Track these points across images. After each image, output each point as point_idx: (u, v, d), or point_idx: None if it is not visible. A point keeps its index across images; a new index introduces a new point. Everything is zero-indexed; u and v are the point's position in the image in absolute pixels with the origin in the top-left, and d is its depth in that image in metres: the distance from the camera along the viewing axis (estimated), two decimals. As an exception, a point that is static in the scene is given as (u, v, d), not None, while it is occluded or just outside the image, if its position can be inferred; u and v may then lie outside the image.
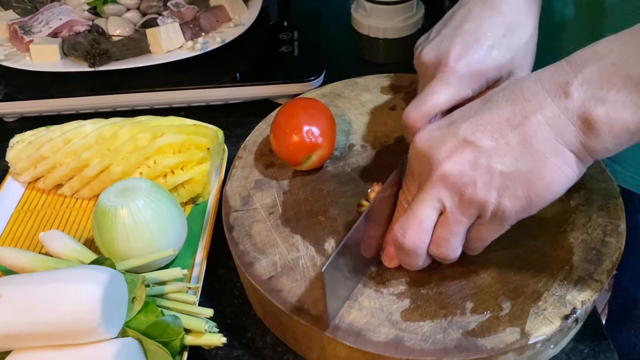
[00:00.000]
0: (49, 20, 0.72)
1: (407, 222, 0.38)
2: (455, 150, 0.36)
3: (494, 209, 0.36)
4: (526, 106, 0.35)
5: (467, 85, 0.45)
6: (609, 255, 0.44)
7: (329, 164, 0.53)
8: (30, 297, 0.38)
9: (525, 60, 0.46)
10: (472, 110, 0.37)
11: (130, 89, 0.67)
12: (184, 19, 0.72)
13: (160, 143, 0.54)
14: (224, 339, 0.43)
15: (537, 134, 0.34)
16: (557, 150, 0.34)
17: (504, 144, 0.35)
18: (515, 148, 0.35)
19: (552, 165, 0.35)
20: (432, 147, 0.37)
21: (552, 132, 0.34)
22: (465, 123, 0.36)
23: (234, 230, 0.48)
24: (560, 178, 0.35)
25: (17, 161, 0.58)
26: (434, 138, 0.37)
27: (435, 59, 0.46)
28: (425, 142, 0.37)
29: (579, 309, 0.40)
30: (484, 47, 0.44)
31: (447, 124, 0.37)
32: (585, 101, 0.33)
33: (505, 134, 0.35)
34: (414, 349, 0.38)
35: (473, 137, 0.35)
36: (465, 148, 0.36)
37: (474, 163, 0.35)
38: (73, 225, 0.56)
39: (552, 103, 0.34)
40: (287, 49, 0.72)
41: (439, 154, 0.36)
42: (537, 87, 0.35)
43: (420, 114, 0.45)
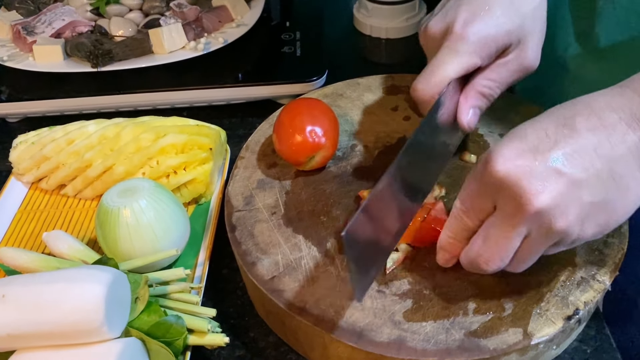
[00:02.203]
0: (52, 21, 0.72)
1: (490, 252, 0.37)
2: (548, 183, 0.34)
3: (575, 238, 0.36)
4: (610, 137, 0.35)
5: (477, 53, 0.43)
6: (611, 256, 0.43)
7: (332, 164, 0.53)
8: (33, 297, 0.38)
9: (534, 26, 0.45)
10: (552, 136, 0.35)
11: (133, 90, 0.67)
12: (186, 19, 0.72)
13: (163, 143, 0.55)
14: (226, 339, 0.43)
15: (623, 164, 0.35)
16: (638, 180, 0.35)
17: (594, 174, 0.35)
18: (604, 179, 0.35)
19: (633, 194, 0.35)
20: (520, 180, 0.35)
21: (635, 162, 0.35)
22: (553, 152, 0.35)
23: (236, 230, 0.48)
24: (637, 204, 0.36)
25: (20, 161, 0.58)
26: (521, 168, 0.35)
27: (442, 29, 0.45)
28: (512, 172, 0.35)
29: (581, 310, 0.40)
30: (491, 13, 0.43)
31: (531, 152, 0.35)
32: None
33: (595, 164, 0.35)
34: (417, 350, 0.39)
35: (565, 169, 0.34)
36: (558, 180, 0.34)
37: (566, 195, 0.34)
38: (76, 226, 0.56)
39: (633, 135, 0.35)
40: (290, 49, 0.72)
41: (531, 188, 0.34)
42: (614, 117, 0.35)
43: (430, 85, 0.43)
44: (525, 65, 0.46)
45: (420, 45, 0.49)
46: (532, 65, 0.46)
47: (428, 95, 0.44)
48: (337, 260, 0.45)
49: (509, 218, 0.36)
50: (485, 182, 0.36)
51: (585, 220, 0.35)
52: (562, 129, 0.36)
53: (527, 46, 0.45)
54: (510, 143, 0.36)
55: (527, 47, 0.45)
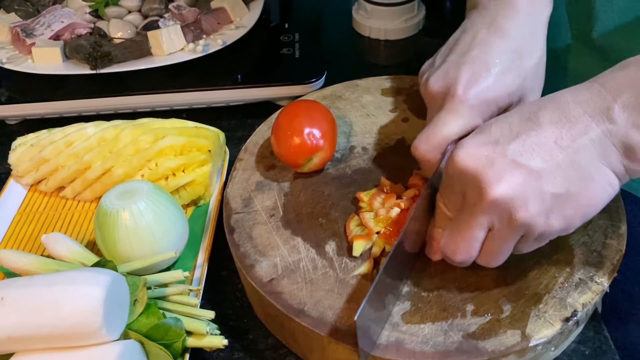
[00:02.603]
0: (51, 23, 0.72)
1: (455, 241, 0.39)
2: (505, 172, 0.35)
3: (541, 230, 0.36)
4: (572, 129, 0.35)
5: (478, 114, 0.43)
6: (609, 257, 0.44)
7: (330, 166, 0.53)
8: (32, 299, 0.38)
9: (535, 83, 0.45)
10: (514, 130, 0.36)
11: (132, 92, 0.67)
12: (185, 21, 0.72)
13: (162, 145, 0.55)
14: (225, 341, 0.43)
15: (585, 156, 0.35)
16: (603, 172, 0.36)
17: (554, 166, 0.35)
18: (565, 170, 0.35)
19: (598, 186, 0.36)
20: (479, 169, 0.36)
21: (598, 154, 0.35)
22: (513, 144, 0.36)
23: (234, 232, 0.48)
24: (604, 197, 0.36)
25: (19, 163, 0.58)
26: (480, 159, 0.36)
27: (444, 88, 0.44)
28: (471, 163, 0.36)
29: (579, 312, 0.40)
30: (493, 75, 0.43)
31: (491, 144, 0.36)
32: (628, 128, 0.35)
33: (555, 156, 0.35)
34: (415, 352, 0.39)
35: (523, 159, 0.35)
36: (515, 170, 0.35)
37: (525, 186, 0.35)
38: (75, 228, 0.56)
39: (597, 127, 0.35)
40: (288, 51, 0.72)
41: (488, 177, 0.35)
42: (579, 110, 0.36)
43: (431, 146, 0.44)
44: None
45: (419, 46, 0.49)
46: None
47: (430, 156, 0.44)
48: (336, 262, 0.45)
49: (470, 208, 0.37)
50: (451, 174, 0.38)
51: (549, 212, 0.36)
52: (525, 123, 0.36)
53: (527, 101, 0.45)
54: (475, 137, 0.37)
55: (527, 102, 0.45)
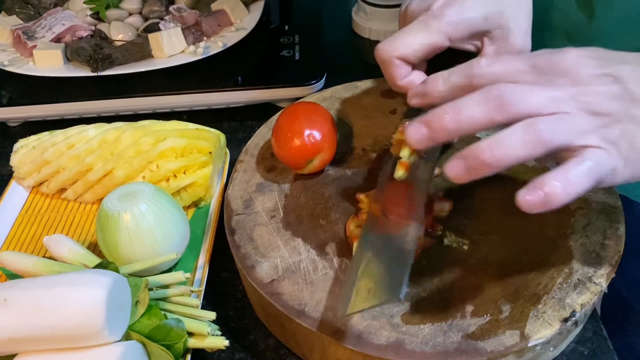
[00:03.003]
0: (52, 26, 0.72)
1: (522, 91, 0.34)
2: (605, 81, 0.34)
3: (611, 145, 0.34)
4: None
5: (447, 33, 0.43)
6: (608, 258, 0.44)
7: (330, 168, 0.53)
8: (34, 301, 0.38)
9: (517, 14, 0.45)
10: (629, 59, 0.35)
11: (133, 94, 0.67)
12: (185, 23, 0.72)
13: (163, 147, 0.55)
14: (226, 342, 0.43)
15: None
16: None
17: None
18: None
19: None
20: (582, 66, 0.34)
21: None
22: (626, 66, 0.35)
23: (235, 233, 0.48)
24: None
25: (21, 165, 0.58)
26: (588, 59, 0.35)
27: (421, 8, 0.45)
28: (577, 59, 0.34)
29: (578, 312, 0.40)
30: None
31: (606, 59, 0.35)
32: None
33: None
34: (415, 352, 0.39)
35: (626, 78, 0.34)
36: (613, 83, 0.34)
37: (614, 97, 0.34)
38: (77, 229, 0.56)
39: None
40: (288, 53, 0.72)
41: (586, 76, 0.34)
42: None
43: (392, 46, 0.43)
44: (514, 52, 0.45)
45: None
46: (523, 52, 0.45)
47: (387, 55, 0.44)
48: (336, 263, 0.45)
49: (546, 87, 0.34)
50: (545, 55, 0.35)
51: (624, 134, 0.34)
52: None
53: (511, 32, 0.45)
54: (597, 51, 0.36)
55: (512, 34, 0.45)
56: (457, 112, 0.34)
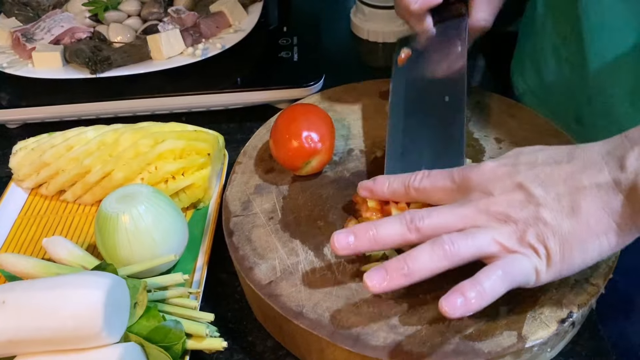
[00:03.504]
0: (51, 28, 0.72)
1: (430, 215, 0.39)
2: (509, 190, 0.38)
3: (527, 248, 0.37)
4: (584, 172, 0.36)
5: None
6: (605, 259, 0.44)
7: (328, 169, 0.54)
8: (33, 303, 0.39)
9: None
10: (540, 160, 0.39)
11: (132, 95, 0.67)
12: (184, 25, 0.72)
13: (162, 149, 0.55)
14: (224, 343, 0.43)
15: (587, 200, 0.36)
16: (601, 220, 0.36)
17: (554, 199, 0.36)
18: (564, 207, 0.36)
19: (592, 232, 0.36)
20: (490, 181, 0.39)
21: (601, 201, 0.36)
22: (528, 172, 0.38)
23: (233, 235, 0.48)
24: (595, 246, 0.36)
25: (20, 167, 0.58)
26: (496, 173, 0.39)
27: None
28: (488, 175, 0.39)
29: (575, 313, 0.41)
30: None
31: (514, 165, 0.39)
32: (638, 173, 0.35)
33: (559, 191, 0.37)
34: (412, 353, 0.39)
35: (528, 184, 0.37)
36: (518, 190, 0.37)
37: (521, 205, 0.37)
38: (76, 231, 0.56)
39: (607, 174, 0.36)
40: (287, 54, 0.72)
41: (494, 189, 0.38)
42: (598, 157, 0.37)
43: None
44: None
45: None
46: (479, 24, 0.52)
47: None
48: (334, 264, 0.45)
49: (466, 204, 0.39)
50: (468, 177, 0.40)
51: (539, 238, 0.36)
52: (548, 159, 0.38)
53: None
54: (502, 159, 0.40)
55: None
56: (377, 228, 0.40)
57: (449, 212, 0.39)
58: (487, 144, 0.55)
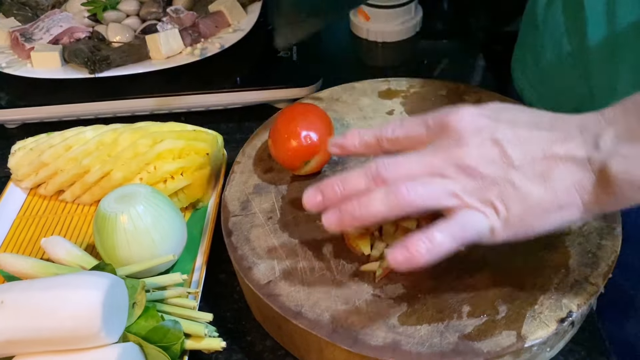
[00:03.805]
0: (50, 28, 0.72)
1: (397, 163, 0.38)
2: (485, 144, 0.36)
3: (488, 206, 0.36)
4: (564, 144, 0.36)
5: None
6: (605, 258, 0.44)
7: (327, 169, 0.53)
8: (31, 303, 0.38)
9: None
10: (521, 120, 0.37)
11: (130, 95, 0.67)
12: (183, 25, 0.72)
13: (160, 149, 0.55)
14: (223, 343, 0.43)
15: (561, 171, 0.35)
16: (569, 193, 0.35)
17: (528, 164, 0.36)
18: (535, 172, 0.36)
19: (556, 203, 0.36)
20: (467, 131, 0.37)
21: (573, 175, 0.35)
22: (508, 130, 0.37)
23: (232, 235, 0.48)
24: (556, 217, 0.36)
25: (18, 168, 0.58)
26: (475, 124, 0.37)
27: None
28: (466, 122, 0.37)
29: (575, 313, 0.41)
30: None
31: (495, 119, 0.37)
32: (610, 155, 0.34)
33: (534, 157, 0.36)
34: (411, 353, 0.39)
35: (505, 143, 0.36)
36: (493, 147, 0.36)
37: (493, 162, 0.36)
38: (74, 231, 0.56)
39: (584, 150, 0.35)
40: (286, 54, 0.72)
41: (469, 140, 0.37)
42: (577, 131, 0.36)
43: None
44: None
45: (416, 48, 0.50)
46: None
47: None
48: (333, 264, 0.45)
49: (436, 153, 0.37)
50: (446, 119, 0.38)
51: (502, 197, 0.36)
52: (529, 120, 0.37)
53: None
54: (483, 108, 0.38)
55: None
56: (343, 183, 0.39)
57: (417, 161, 0.38)
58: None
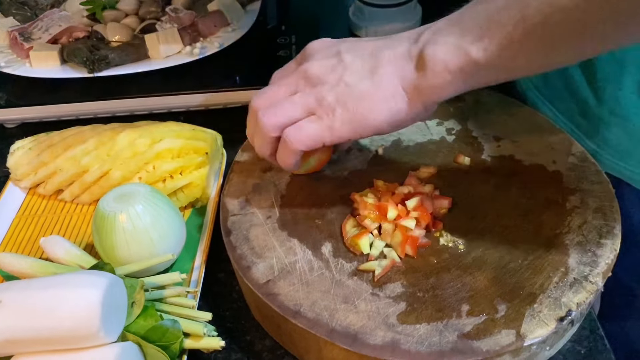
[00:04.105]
0: (49, 27, 0.72)
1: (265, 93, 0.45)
2: (327, 57, 0.44)
3: (326, 109, 0.42)
4: (387, 44, 0.43)
5: None
6: (604, 257, 0.44)
7: (327, 168, 0.53)
8: (30, 302, 0.38)
9: None
10: (365, 39, 0.45)
11: (129, 95, 0.67)
12: (182, 24, 0.72)
13: (159, 148, 0.55)
14: (222, 342, 0.43)
15: (384, 66, 0.41)
16: (391, 83, 0.41)
17: (359, 65, 0.42)
18: (365, 70, 0.42)
19: (381, 94, 0.41)
20: (316, 50, 0.45)
21: (396, 67, 0.41)
22: (350, 42, 0.45)
23: (231, 234, 0.48)
24: (384, 107, 0.41)
25: (17, 167, 0.58)
26: (324, 43, 0.46)
27: None
28: (317, 43, 0.46)
29: (574, 311, 0.40)
30: None
31: (342, 40, 0.45)
32: (426, 43, 0.40)
33: (364, 58, 0.42)
34: (410, 352, 0.39)
35: (343, 52, 0.43)
36: (333, 57, 0.44)
37: (332, 69, 0.43)
38: (73, 231, 0.56)
39: (406, 45, 0.42)
40: (285, 53, 0.72)
41: (317, 55, 0.44)
42: (404, 36, 0.43)
43: None
44: None
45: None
46: None
47: None
48: (332, 263, 0.45)
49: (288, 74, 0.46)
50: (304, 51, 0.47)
51: (338, 97, 0.42)
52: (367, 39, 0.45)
53: None
54: None
55: None
56: None
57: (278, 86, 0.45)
58: (486, 142, 0.55)
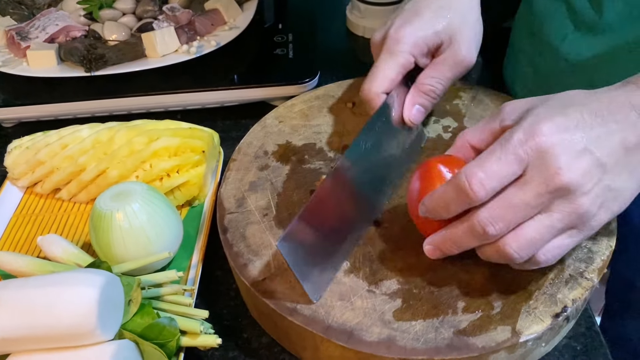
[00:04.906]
0: (46, 26, 0.72)
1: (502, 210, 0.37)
2: (580, 160, 0.36)
3: (590, 222, 0.37)
4: (634, 131, 0.37)
5: (410, 52, 0.50)
6: (600, 253, 0.44)
7: (323, 165, 0.54)
8: (27, 301, 0.38)
9: (463, 26, 0.51)
10: (588, 121, 0.37)
11: (126, 93, 0.67)
12: (179, 23, 0.72)
13: (156, 147, 0.55)
14: (219, 340, 0.43)
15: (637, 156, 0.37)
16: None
17: (616, 161, 0.37)
18: (622, 167, 0.37)
19: (636, 184, 0.38)
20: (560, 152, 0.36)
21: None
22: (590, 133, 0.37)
23: (228, 232, 0.48)
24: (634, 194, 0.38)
25: (15, 166, 0.58)
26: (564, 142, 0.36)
27: (382, 36, 0.52)
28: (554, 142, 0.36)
29: (569, 307, 0.41)
30: (420, 18, 0.51)
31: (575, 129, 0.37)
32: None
33: (618, 152, 0.37)
34: (406, 348, 0.39)
35: (596, 150, 0.36)
36: (588, 158, 0.36)
37: (591, 175, 0.36)
38: (71, 229, 0.56)
39: None
40: (282, 51, 0.72)
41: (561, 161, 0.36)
42: (634, 114, 0.37)
43: (374, 84, 0.50)
44: (459, 60, 0.51)
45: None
46: (466, 60, 0.51)
47: (372, 93, 0.50)
48: (328, 260, 0.45)
49: (535, 186, 0.36)
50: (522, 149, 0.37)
51: (602, 205, 0.37)
52: (594, 116, 0.37)
53: (458, 43, 0.51)
54: (555, 118, 0.37)
55: (459, 44, 0.51)
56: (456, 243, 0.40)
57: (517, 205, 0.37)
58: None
